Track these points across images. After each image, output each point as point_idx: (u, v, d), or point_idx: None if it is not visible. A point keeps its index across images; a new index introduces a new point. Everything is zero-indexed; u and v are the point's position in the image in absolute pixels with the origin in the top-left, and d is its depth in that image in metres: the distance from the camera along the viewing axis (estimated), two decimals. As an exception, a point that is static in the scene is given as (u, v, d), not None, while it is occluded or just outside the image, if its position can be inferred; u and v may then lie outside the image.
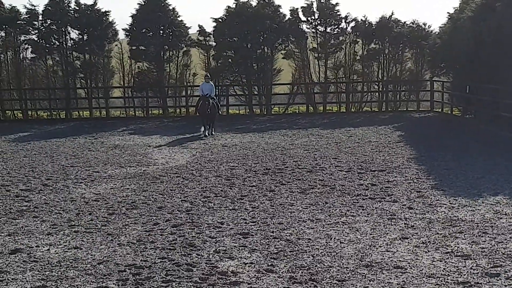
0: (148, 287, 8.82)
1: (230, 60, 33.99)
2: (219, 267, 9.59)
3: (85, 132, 26.88)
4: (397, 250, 10.26)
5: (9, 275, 9.38)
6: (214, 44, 34.38)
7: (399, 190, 14.71)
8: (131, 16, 33.80)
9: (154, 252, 10.41)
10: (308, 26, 34.50)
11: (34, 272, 9.49)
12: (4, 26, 32.79)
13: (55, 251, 10.56)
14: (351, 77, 34.83)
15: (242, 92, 34.48)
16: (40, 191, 15.30)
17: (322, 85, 34.49)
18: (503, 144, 21.28)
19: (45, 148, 22.61)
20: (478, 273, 9.17)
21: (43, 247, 10.79)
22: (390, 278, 9.00)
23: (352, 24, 34.54)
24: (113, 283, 9.00)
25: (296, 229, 11.63)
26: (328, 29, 34.43)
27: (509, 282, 8.78)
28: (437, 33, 34.06)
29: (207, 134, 24.85)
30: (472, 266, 9.47)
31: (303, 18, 34.26)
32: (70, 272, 9.47)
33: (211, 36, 34.30)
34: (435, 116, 31.32)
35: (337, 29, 34.53)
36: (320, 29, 34.38)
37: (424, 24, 34.67)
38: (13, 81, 33.57)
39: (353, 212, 12.80)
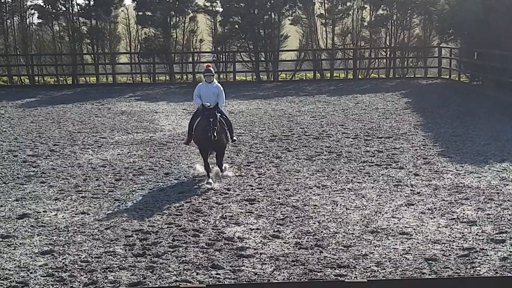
0: (155, 252, 8.89)
1: (237, 26, 33.80)
2: (225, 233, 9.65)
3: (92, 98, 26.86)
4: (402, 217, 10.30)
5: (17, 239, 9.47)
6: (220, 10, 34.16)
7: (406, 157, 14.71)
8: (137, -19, 33.56)
9: (161, 217, 10.47)
10: (315, -8, 34.22)
11: (41, 237, 9.57)
12: (10, -9, 32.68)
13: (63, 216, 10.63)
14: (359, 43, 34.60)
15: (249, 58, 34.33)
16: (47, 157, 15.35)
17: (329, 52, 34.30)
18: (511, 111, 21.18)
19: (52, 114, 22.64)
20: (483, 239, 9.20)
21: (51, 212, 10.87)
22: (396, 244, 9.04)
23: (360, -11, 34.26)
24: (120, 248, 9.07)
25: (302, 196, 11.67)
26: (336, -5, 34.14)
27: (514, 248, 8.82)
28: (445, -1, 33.75)
29: (211, 181, 12.56)
30: (478, 232, 9.50)
31: (311, -17, 33.98)
32: (77, 237, 9.55)
33: (218, 1, 34.08)
34: (442, 82, 31.16)
35: (344, -6, 34.23)
36: (327, -5, 34.10)
37: (433, -10, 34.36)
38: (19, 46, 33.52)
39: (359, 179, 12.82)
